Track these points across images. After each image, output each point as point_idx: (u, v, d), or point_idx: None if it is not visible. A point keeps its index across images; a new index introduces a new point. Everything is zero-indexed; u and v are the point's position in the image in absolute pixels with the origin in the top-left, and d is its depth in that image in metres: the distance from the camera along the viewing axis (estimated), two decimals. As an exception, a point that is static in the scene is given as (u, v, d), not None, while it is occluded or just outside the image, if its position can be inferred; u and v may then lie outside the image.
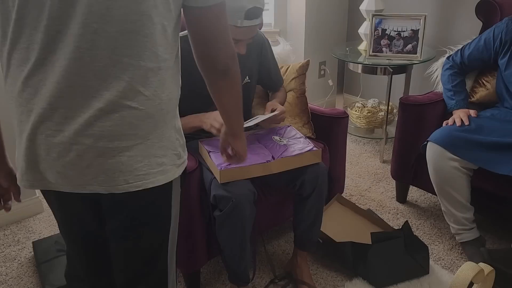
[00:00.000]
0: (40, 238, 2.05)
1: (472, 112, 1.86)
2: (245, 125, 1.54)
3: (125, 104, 0.83)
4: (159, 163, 0.90)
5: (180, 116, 1.65)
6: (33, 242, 1.93)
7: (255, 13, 1.42)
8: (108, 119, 0.83)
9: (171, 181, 0.95)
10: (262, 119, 1.58)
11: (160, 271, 1.05)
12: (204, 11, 0.87)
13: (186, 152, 1.02)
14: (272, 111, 1.66)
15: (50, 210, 2.30)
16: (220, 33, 0.89)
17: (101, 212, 0.98)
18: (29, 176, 0.89)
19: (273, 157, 1.52)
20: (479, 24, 2.18)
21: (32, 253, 1.96)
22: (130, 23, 0.80)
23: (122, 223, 0.96)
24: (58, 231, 2.09)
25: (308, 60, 1.98)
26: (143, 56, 0.82)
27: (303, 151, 1.56)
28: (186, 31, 0.91)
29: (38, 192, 2.27)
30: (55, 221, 2.16)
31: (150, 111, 0.86)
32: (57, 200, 0.99)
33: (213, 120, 1.52)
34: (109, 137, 0.84)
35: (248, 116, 1.78)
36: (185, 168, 1.01)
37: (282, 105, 1.80)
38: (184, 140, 1.02)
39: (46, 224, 2.16)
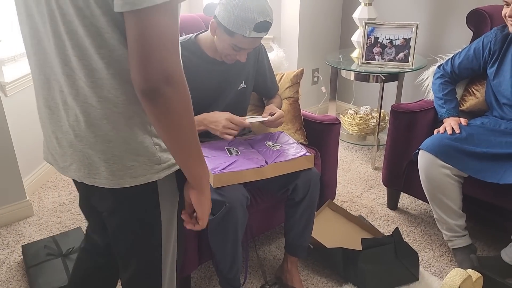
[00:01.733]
0: (30, 241, 2.03)
1: (463, 121, 1.89)
2: (248, 121, 1.59)
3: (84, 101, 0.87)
4: (127, 166, 0.89)
5: None
6: (22, 246, 1.92)
7: (264, 26, 1.45)
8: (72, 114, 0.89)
9: (153, 183, 0.93)
10: (261, 120, 1.63)
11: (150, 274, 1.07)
12: (127, 16, 0.74)
13: None
14: (271, 115, 1.67)
15: (40, 214, 2.27)
16: (151, 45, 0.73)
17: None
18: None
19: (266, 162, 1.53)
20: (469, 33, 2.21)
21: (22, 256, 1.94)
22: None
23: (107, 213, 1.00)
24: (48, 235, 2.08)
25: (303, 69, 1.99)
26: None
27: (296, 156, 1.57)
28: (186, 35, 0.89)
29: (28, 196, 2.26)
30: (45, 225, 2.15)
31: (105, 113, 0.86)
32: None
33: (222, 128, 1.54)
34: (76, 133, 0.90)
35: None
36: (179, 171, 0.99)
37: None
38: None
39: (36, 228, 2.15)
